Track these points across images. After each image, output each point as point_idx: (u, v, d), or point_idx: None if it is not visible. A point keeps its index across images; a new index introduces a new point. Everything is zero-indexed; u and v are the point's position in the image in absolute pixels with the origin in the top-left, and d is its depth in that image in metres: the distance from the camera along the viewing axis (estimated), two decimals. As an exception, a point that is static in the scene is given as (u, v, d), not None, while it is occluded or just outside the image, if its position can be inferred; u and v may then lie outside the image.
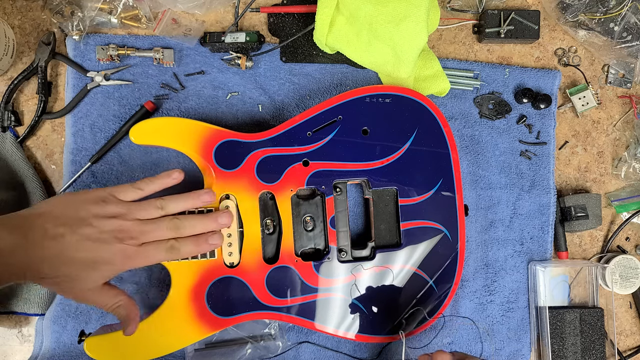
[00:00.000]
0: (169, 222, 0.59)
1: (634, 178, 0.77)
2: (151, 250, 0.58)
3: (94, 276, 0.55)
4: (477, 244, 0.75)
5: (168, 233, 0.59)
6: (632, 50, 0.74)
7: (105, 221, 0.56)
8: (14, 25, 0.72)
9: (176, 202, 0.60)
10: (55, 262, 0.53)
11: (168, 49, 0.71)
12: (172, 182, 0.61)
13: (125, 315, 0.58)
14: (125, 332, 0.59)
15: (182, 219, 0.60)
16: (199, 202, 0.62)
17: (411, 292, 0.68)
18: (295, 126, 0.67)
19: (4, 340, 0.72)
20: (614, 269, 0.76)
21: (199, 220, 0.61)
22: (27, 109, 0.73)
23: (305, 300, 0.66)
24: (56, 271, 0.53)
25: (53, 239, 0.53)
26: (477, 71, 0.76)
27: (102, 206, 0.56)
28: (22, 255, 0.52)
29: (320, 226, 0.67)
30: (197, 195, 0.62)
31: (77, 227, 0.54)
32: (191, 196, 0.61)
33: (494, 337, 0.75)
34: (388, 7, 0.64)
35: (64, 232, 0.54)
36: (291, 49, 0.74)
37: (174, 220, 0.59)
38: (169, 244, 0.59)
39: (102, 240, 0.55)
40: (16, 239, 0.51)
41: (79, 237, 0.54)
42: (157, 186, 0.61)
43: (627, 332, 0.78)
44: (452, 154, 0.69)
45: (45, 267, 0.53)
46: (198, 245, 0.60)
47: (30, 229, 0.53)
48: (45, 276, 0.53)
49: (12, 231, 0.52)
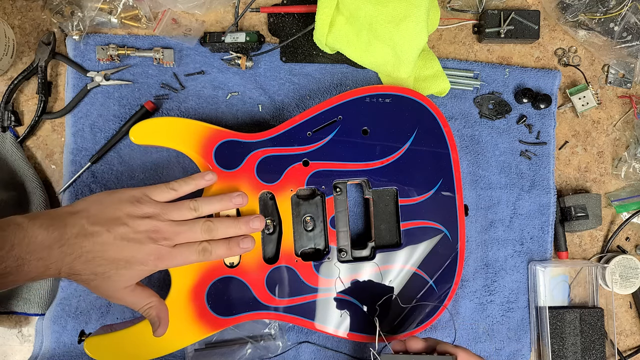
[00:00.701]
0: (202, 225, 0.59)
1: (634, 178, 0.77)
2: (184, 251, 0.58)
3: (126, 275, 0.56)
4: (477, 244, 0.75)
5: (201, 235, 0.59)
6: (632, 50, 0.74)
7: (139, 221, 0.56)
8: (14, 25, 0.72)
9: (210, 204, 0.61)
10: (90, 260, 0.54)
11: (168, 49, 0.71)
12: (205, 183, 0.62)
13: (156, 316, 0.59)
14: (155, 333, 0.59)
15: (216, 222, 0.60)
16: (232, 205, 0.62)
17: (411, 292, 0.68)
18: (295, 126, 0.67)
19: (4, 340, 0.72)
20: (614, 269, 0.76)
21: (232, 223, 0.61)
22: (27, 109, 0.73)
23: (305, 300, 0.66)
24: (90, 269, 0.54)
25: (88, 237, 0.54)
26: (477, 71, 0.76)
27: (137, 206, 0.57)
28: (57, 251, 0.52)
29: (320, 226, 0.67)
30: (230, 197, 0.62)
31: (112, 226, 0.55)
32: (224, 198, 0.62)
33: (493, 337, 0.75)
34: (388, 7, 0.64)
35: (99, 231, 0.54)
36: (291, 49, 0.74)
37: (207, 223, 0.59)
38: (201, 247, 0.59)
39: (136, 240, 0.56)
40: (52, 236, 0.52)
41: (113, 236, 0.55)
42: (191, 187, 0.61)
43: (627, 332, 0.78)
44: (452, 154, 0.69)
45: (79, 264, 0.54)
46: (230, 248, 0.61)
47: (66, 226, 0.53)
48: (79, 273, 0.54)
49: (48, 228, 0.52)
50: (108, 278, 0.55)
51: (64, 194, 0.71)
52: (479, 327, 0.75)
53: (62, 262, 0.53)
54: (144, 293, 0.59)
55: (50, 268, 0.52)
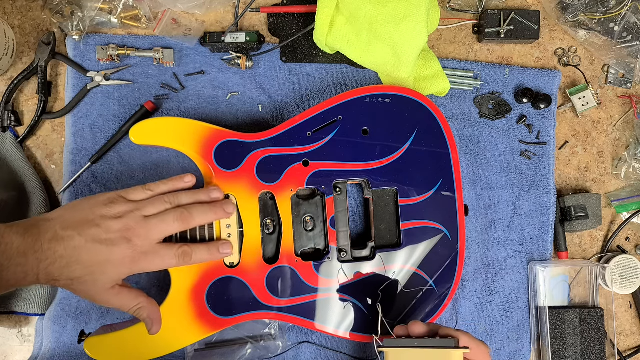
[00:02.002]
0: (174, 212, 0.58)
1: (634, 178, 0.77)
2: (163, 254, 0.58)
3: (102, 280, 0.55)
4: (477, 244, 0.75)
5: (174, 224, 0.58)
6: (632, 50, 0.74)
7: (111, 221, 0.56)
8: (14, 25, 0.72)
9: (186, 195, 0.61)
10: (64, 265, 0.53)
11: (168, 49, 0.71)
12: (184, 185, 0.62)
13: (147, 317, 0.59)
14: (150, 332, 0.59)
15: (189, 208, 0.59)
16: (208, 197, 0.62)
17: (411, 292, 0.68)
18: (295, 126, 0.67)
19: (4, 340, 0.72)
20: (614, 269, 0.76)
21: (208, 208, 0.61)
22: (27, 109, 0.73)
23: (305, 300, 0.66)
24: (66, 274, 0.54)
25: (61, 242, 0.53)
26: (477, 71, 0.76)
27: (110, 207, 0.57)
28: (32, 258, 0.52)
29: (320, 226, 0.67)
30: (207, 190, 0.62)
31: (83, 229, 0.55)
32: (201, 190, 0.62)
33: (493, 337, 0.75)
34: (388, 7, 0.64)
35: (71, 235, 0.54)
36: (291, 49, 0.74)
37: (179, 209, 0.59)
38: (181, 250, 0.59)
39: (109, 242, 0.55)
40: (27, 242, 0.52)
41: (85, 239, 0.54)
42: (168, 188, 0.61)
43: (627, 332, 0.78)
44: (452, 154, 0.69)
45: (55, 270, 0.53)
46: (210, 252, 0.61)
47: (40, 233, 0.53)
48: (57, 279, 0.54)
49: (24, 234, 0.52)
50: (85, 283, 0.55)
51: (64, 194, 0.71)
52: (479, 327, 0.75)
53: (38, 269, 0.52)
54: (131, 295, 0.58)
55: (29, 274, 0.52)
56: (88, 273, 0.54)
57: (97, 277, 0.55)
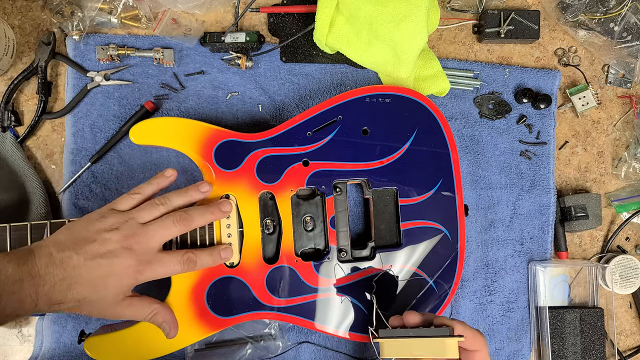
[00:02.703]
0: (174, 215, 0.58)
1: (634, 178, 0.77)
2: (167, 261, 0.57)
3: (111, 292, 0.54)
4: (477, 244, 0.75)
5: (174, 227, 0.58)
6: (632, 50, 0.74)
7: (108, 234, 0.55)
8: (14, 25, 0.72)
9: (177, 196, 0.60)
10: (66, 288, 0.52)
11: (168, 49, 0.71)
12: (167, 180, 0.61)
13: (163, 321, 0.58)
14: (168, 336, 0.59)
15: (188, 210, 0.59)
16: (199, 194, 0.62)
17: (411, 292, 0.68)
18: (295, 126, 0.67)
19: (4, 340, 0.72)
20: (614, 269, 0.76)
21: (205, 209, 0.60)
22: (27, 109, 0.73)
23: (305, 300, 0.66)
24: (70, 297, 0.53)
25: (60, 263, 0.52)
26: (477, 71, 0.76)
27: (102, 221, 0.56)
28: (29, 284, 0.51)
29: (320, 226, 0.67)
30: (196, 187, 0.62)
31: (80, 246, 0.53)
32: (190, 188, 0.61)
33: (493, 337, 0.75)
34: (388, 7, 0.64)
35: (68, 255, 0.53)
36: (291, 49, 0.74)
37: (177, 212, 0.58)
38: (186, 257, 0.58)
39: (109, 254, 0.54)
40: (22, 269, 0.51)
41: (84, 257, 0.53)
42: (154, 187, 0.60)
43: (627, 332, 0.78)
44: (452, 154, 0.69)
45: (57, 294, 0.52)
46: (213, 258, 0.61)
47: (35, 258, 0.52)
48: (61, 302, 0.52)
49: (17, 261, 0.51)
50: (92, 302, 0.54)
51: (64, 194, 0.71)
52: (479, 327, 0.75)
53: (37, 294, 0.51)
54: (143, 303, 0.57)
55: (25, 302, 0.51)
56: (93, 291, 0.53)
57: (103, 294, 0.54)
